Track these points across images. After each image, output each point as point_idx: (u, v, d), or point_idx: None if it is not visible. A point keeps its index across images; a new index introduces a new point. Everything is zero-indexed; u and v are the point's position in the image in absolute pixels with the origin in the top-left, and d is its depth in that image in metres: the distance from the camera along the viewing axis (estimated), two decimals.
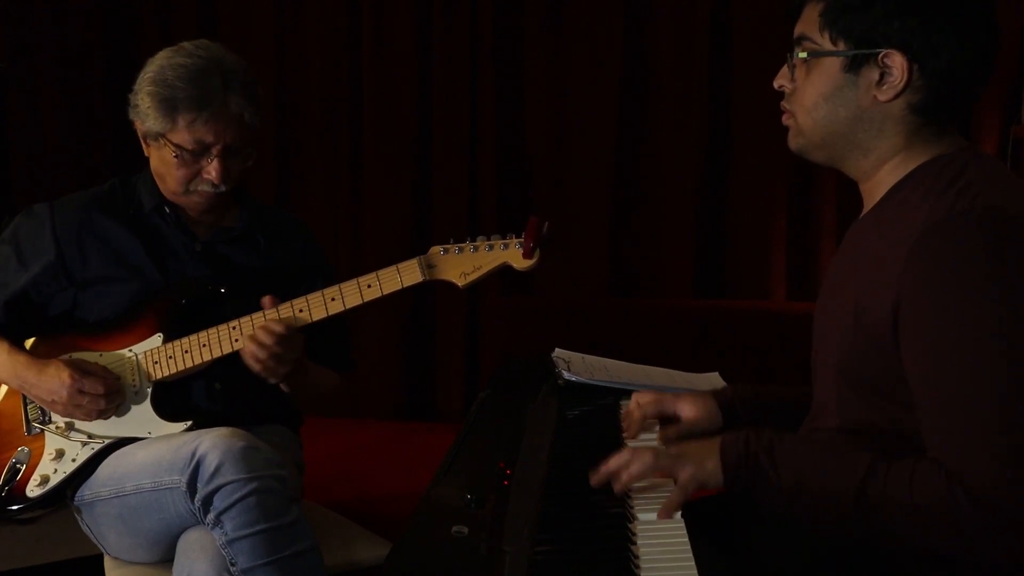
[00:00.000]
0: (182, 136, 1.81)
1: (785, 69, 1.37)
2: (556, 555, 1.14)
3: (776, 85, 1.39)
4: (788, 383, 1.60)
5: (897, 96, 1.27)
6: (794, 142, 1.39)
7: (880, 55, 1.26)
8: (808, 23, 1.32)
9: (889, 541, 1.19)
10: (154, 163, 1.90)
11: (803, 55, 1.32)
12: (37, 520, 1.87)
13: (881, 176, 1.34)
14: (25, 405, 1.89)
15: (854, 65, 1.28)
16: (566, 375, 1.79)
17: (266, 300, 1.78)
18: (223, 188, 1.86)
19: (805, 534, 1.29)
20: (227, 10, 4.23)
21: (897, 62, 1.26)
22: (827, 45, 1.30)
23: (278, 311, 1.77)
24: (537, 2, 4.05)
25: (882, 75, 1.27)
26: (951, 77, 1.26)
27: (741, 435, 1.27)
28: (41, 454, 1.84)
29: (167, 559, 1.75)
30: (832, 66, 1.30)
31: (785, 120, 1.39)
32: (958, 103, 1.30)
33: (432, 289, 4.10)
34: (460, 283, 1.74)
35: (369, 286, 1.75)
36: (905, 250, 1.20)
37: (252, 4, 4.21)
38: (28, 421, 1.88)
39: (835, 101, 1.31)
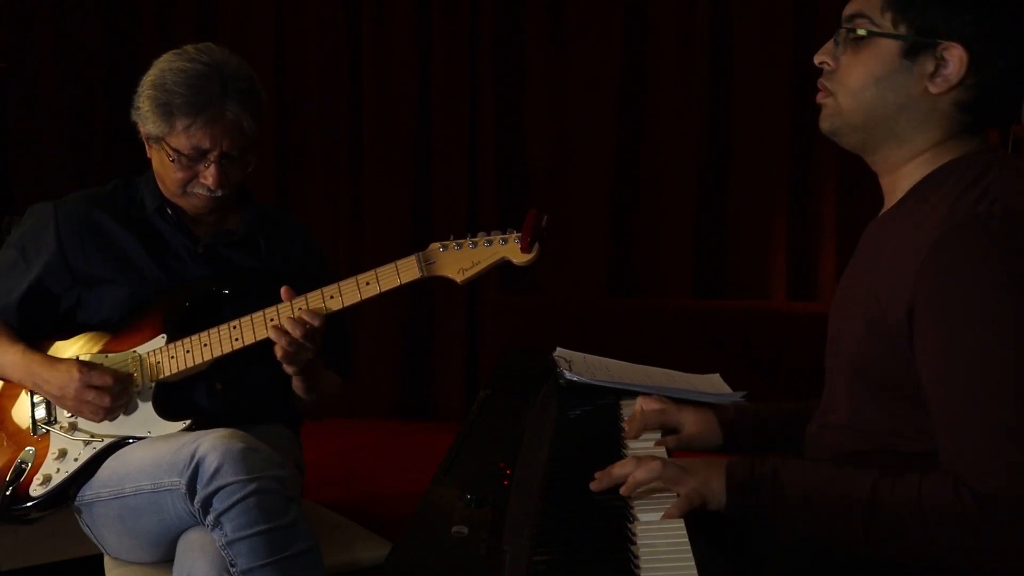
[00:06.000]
0: (179, 141, 1.81)
1: (829, 45, 1.33)
2: (556, 555, 1.14)
3: (817, 61, 1.34)
4: (788, 383, 1.60)
5: (949, 91, 1.25)
6: (828, 123, 1.34)
7: (941, 47, 1.24)
8: (868, 1, 1.28)
9: (900, 553, 1.18)
10: (155, 164, 1.91)
11: (862, 32, 1.28)
12: (41, 520, 1.87)
13: (907, 170, 1.32)
14: (32, 406, 1.89)
15: (912, 52, 1.25)
16: (567, 375, 1.79)
17: (284, 292, 1.77)
18: (219, 193, 1.86)
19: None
20: (227, 10, 4.23)
21: (956, 56, 1.23)
22: (887, 27, 1.26)
23: (278, 311, 1.77)
24: (537, 2, 4.05)
25: (937, 67, 1.25)
26: (1003, 80, 1.25)
27: (747, 460, 1.26)
28: (45, 454, 1.84)
29: (167, 559, 1.75)
30: (889, 49, 1.26)
31: (821, 99, 1.35)
32: (1002, 107, 1.28)
33: (431, 288, 4.10)
34: (458, 279, 1.74)
35: (367, 284, 1.75)
36: (923, 251, 1.18)
37: (252, 4, 4.21)
38: (35, 422, 1.88)
39: (885, 85, 1.27)
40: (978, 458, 1.12)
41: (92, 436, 1.83)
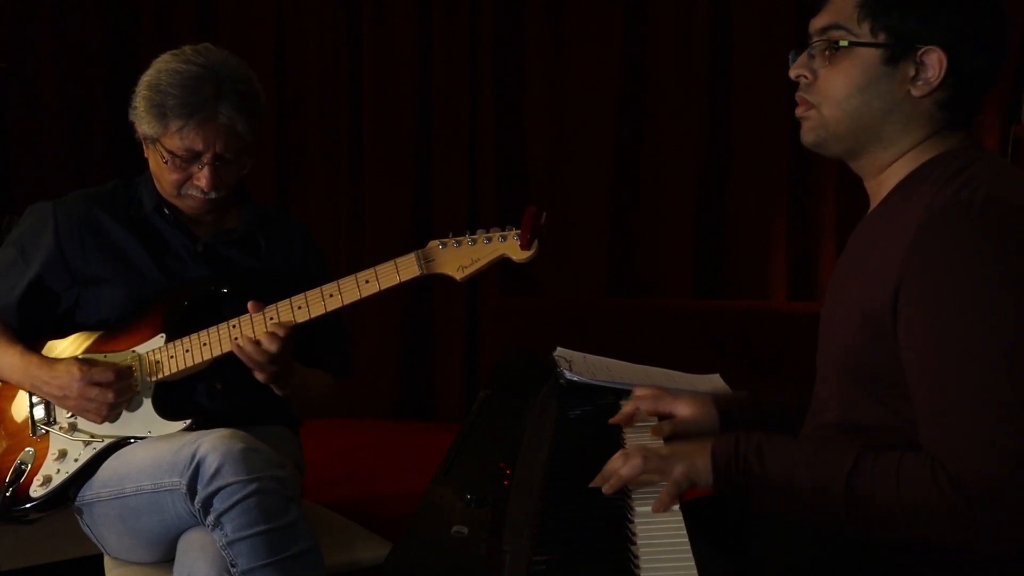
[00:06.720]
0: (173, 142, 1.81)
1: (803, 58, 1.34)
2: (556, 555, 1.14)
3: (793, 75, 1.35)
4: (788, 383, 1.60)
5: (931, 92, 1.27)
6: (813, 135, 1.34)
7: (920, 52, 1.25)
8: (841, 12, 1.30)
9: (879, 534, 1.19)
10: (151, 165, 1.91)
11: (844, 44, 1.29)
12: (41, 521, 1.87)
13: (892, 171, 1.33)
14: (31, 407, 1.89)
15: (893, 58, 1.27)
16: (568, 375, 1.79)
17: (251, 305, 1.77)
18: (213, 195, 1.86)
19: (803, 534, 1.29)
20: (227, 10, 4.23)
21: (935, 60, 1.25)
22: (866, 36, 1.28)
23: (277, 309, 1.77)
24: (537, 2, 4.05)
25: (917, 71, 1.26)
26: (979, 75, 1.27)
27: (731, 436, 1.27)
28: (45, 455, 1.84)
29: (167, 559, 1.75)
30: (870, 58, 1.28)
31: (802, 112, 1.35)
32: (980, 100, 1.30)
33: (431, 287, 4.10)
34: (458, 276, 1.74)
35: (367, 281, 1.75)
36: (907, 239, 1.19)
37: (252, 4, 4.21)
38: (34, 422, 1.88)
39: (870, 93, 1.29)
40: (957, 440, 1.12)
41: (92, 436, 1.83)
